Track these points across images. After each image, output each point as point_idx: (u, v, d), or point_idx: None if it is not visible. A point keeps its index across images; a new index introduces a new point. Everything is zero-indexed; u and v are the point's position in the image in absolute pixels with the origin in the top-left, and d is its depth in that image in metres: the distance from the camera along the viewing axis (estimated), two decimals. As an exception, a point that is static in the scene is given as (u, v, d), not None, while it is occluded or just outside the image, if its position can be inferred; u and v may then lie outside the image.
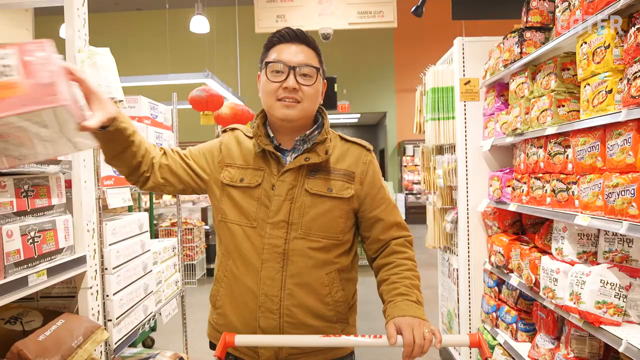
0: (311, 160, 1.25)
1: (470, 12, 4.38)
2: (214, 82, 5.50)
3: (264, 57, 1.29)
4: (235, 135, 1.37)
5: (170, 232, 5.58)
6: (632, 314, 1.71)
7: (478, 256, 2.86)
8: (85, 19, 1.79)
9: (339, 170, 1.29)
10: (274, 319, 1.22)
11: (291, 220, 1.23)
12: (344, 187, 1.27)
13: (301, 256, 1.23)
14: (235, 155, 1.32)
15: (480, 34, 2.90)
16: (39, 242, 1.50)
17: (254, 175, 1.27)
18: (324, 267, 1.25)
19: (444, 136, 3.03)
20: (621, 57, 1.64)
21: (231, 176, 1.29)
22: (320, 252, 1.25)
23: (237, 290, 1.25)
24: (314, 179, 1.26)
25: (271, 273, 1.22)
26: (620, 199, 1.56)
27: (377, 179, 1.34)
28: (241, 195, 1.27)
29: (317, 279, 1.24)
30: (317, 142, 1.27)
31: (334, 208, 1.26)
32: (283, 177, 1.25)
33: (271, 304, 1.22)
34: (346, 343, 1.18)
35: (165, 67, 9.48)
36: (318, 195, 1.25)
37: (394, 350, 3.58)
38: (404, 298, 1.20)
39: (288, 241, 1.23)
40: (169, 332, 3.99)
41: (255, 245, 1.23)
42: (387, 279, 1.27)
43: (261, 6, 5.94)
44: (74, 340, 1.51)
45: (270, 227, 1.23)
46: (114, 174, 2.02)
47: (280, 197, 1.24)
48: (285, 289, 1.22)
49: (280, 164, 1.27)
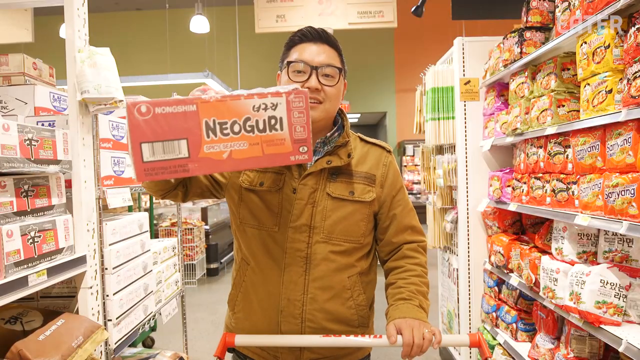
0: (333, 164, 1.23)
1: (470, 12, 4.38)
2: (214, 82, 5.50)
3: (284, 56, 1.27)
4: None
5: (170, 232, 5.57)
6: (632, 314, 1.71)
7: (478, 256, 2.86)
8: (85, 19, 1.79)
9: (360, 173, 1.27)
10: (295, 323, 1.21)
11: (313, 224, 1.22)
12: (366, 190, 1.26)
13: (323, 260, 1.22)
14: None
15: (480, 34, 2.90)
16: (39, 242, 1.50)
17: (275, 179, 1.24)
18: (345, 271, 1.24)
19: (444, 136, 3.03)
20: (621, 57, 1.64)
21: (250, 180, 1.26)
22: (342, 256, 1.24)
23: (258, 295, 1.24)
24: (336, 182, 1.24)
25: (294, 277, 1.21)
26: (620, 199, 1.56)
27: (398, 181, 1.33)
28: (261, 199, 1.24)
29: (339, 283, 1.23)
30: (339, 144, 1.26)
31: (355, 212, 1.25)
32: (305, 181, 1.23)
33: (293, 308, 1.21)
34: (346, 343, 1.18)
35: (165, 67, 9.48)
36: (340, 199, 1.23)
37: (393, 351, 3.58)
38: (406, 302, 1.20)
39: (310, 245, 1.21)
40: (169, 332, 3.99)
41: (277, 249, 1.22)
42: (394, 283, 1.27)
43: (261, 6, 5.94)
44: (73, 340, 1.51)
45: (292, 231, 1.21)
46: (114, 174, 2.02)
47: (302, 201, 1.22)
48: (308, 293, 1.21)
49: (301, 166, 1.25)
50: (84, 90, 1.69)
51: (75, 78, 1.71)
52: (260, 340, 1.20)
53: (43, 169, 1.55)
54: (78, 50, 1.72)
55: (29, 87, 1.89)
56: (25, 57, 2.20)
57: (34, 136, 1.51)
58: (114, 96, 1.75)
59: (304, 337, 1.18)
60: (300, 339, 1.18)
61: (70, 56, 1.72)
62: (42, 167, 1.54)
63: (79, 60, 1.71)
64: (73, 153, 1.72)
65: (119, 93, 1.78)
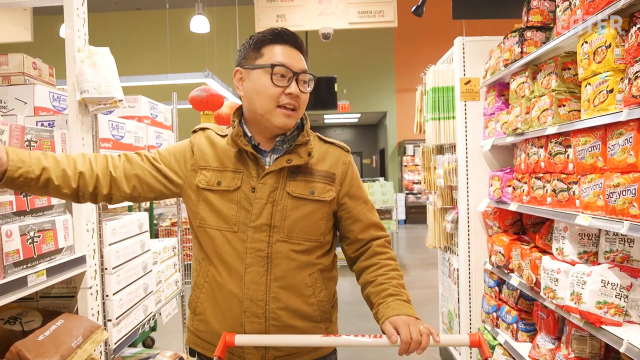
0: (293, 162, 1.22)
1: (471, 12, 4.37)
2: (214, 82, 5.50)
3: (255, 54, 1.22)
4: (206, 135, 1.31)
5: (170, 232, 5.57)
6: (633, 314, 1.71)
7: (478, 256, 2.86)
8: (85, 19, 1.78)
9: (319, 172, 1.27)
10: (259, 322, 1.21)
11: (273, 224, 1.21)
12: (325, 189, 1.26)
13: (284, 259, 1.22)
14: (210, 157, 1.26)
15: (480, 33, 2.89)
16: (39, 242, 1.49)
17: (232, 178, 1.23)
18: (306, 269, 1.25)
19: (445, 136, 3.03)
20: (622, 56, 1.64)
21: (207, 180, 1.24)
22: (303, 254, 1.24)
23: (220, 296, 1.23)
24: (295, 181, 1.24)
25: (255, 277, 1.20)
26: (621, 199, 1.55)
27: (357, 179, 1.34)
28: (219, 199, 1.23)
29: (300, 281, 1.24)
30: (299, 143, 1.25)
31: (315, 210, 1.25)
32: (264, 180, 1.22)
33: (256, 308, 1.20)
34: (347, 343, 1.17)
35: (165, 67, 9.48)
36: (300, 198, 1.23)
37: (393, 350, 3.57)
38: (395, 298, 1.20)
39: (271, 244, 1.21)
40: (169, 332, 3.98)
41: (238, 249, 1.21)
42: (374, 280, 1.27)
43: (261, 6, 5.94)
44: (73, 340, 1.50)
45: (252, 231, 1.21)
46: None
47: (262, 200, 1.21)
48: (270, 292, 1.21)
49: (259, 165, 1.23)
50: (83, 90, 1.69)
51: (74, 78, 1.71)
52: (261, 340, 1.20)
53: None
54: (78, 49, 1.72)
55: (28, 86, 1.89)
56: (25, 56, 2.19)
57: (33, 137, 1.51)
58: (114, 96, 1.74)
59: (305, 337, 1.18)
60: (301, 339, 1.18)
61: (70, 56, 1.71)
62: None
63: (79, 60, 1.70)
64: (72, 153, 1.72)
65: (119, 93, 1.78)
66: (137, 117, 2.42)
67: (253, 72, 1.22)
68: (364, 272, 1.31)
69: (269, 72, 1.19)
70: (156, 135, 2.55)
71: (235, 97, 6.64)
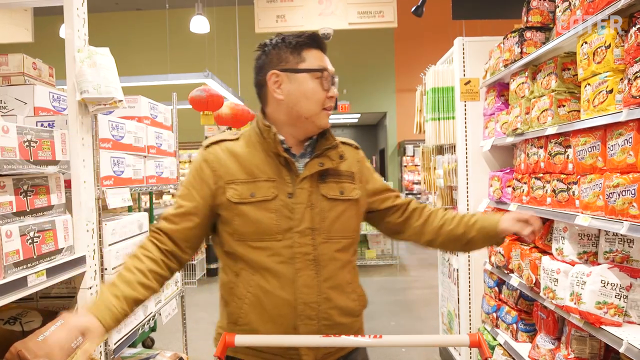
0: (326, 166, 1.26)
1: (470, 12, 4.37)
2: (214, 82, 5.50)
3: (296, 58, 1.23)
4: (222, 148, 1.27)
5: (170, 232, 5.56)
6: (633, 315, 1.71)
7: (478, 256, 2.86)
8: (84, 19, 1.79)
9: (344, 172, 1.31)
10: (312, 324, 1.22)
11: (314, 226, 1.23)
12: (351, 187, 1.31)
13: (330, 260, 1.24)
14: (235, 170, 1.23)
15: (480, 33, 2.89)
16: (39, 242, 1.49)
17: (268, 187, 1.22)
18: (346, 266, 1.29)
19: (444, 136, 3.03)
20: (622, 57, 1.64)
21: (239, 193, 1.21)
22: (342, 253, 1.28)
23: (270, 304, 1.21)
24: (326, 184, 1.26)
25: (307, 280, 1.21)
26: (620, 199, 1.55)
27: (371, 170, 1.41)
28: (255, 210, 1.21)
29: (343, 279, 1.27)
30: (329, 147, 1.28)
31: (346, 209, 1.28)
32: (302, 184, 1.23)
33: (310, 311, 1.21)
34: (347, 343, 1.17)
35: (165, 67, 9.47)
36: (334, 199, 1.26)
37: (393, 350, 3.57)
38: (479, 214, 1.38)
39: (316, 247, 1.23)
40: (169, 332, 3.98)
41: (285, 256, 1.21)
42: (446, 220, 1.38)
43: (261, 6, 5.93)
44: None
45: (298, 236, 1.21)
46: (114, 174, 2.01)
47: (302, 205, 1.22)
48: (322, 293, 1.22)
49: (292, 170, 1.24)
50: (83, 90, 1.69)
51: (74, 78, 1.71)
52: (261, 340, 1.20)
53: (42, 169, 1.55)
54: (77, 50, 1.72)
55: (28, 87, 1.89)
56: (25, 57, 2.19)
57: (33, 137, 1.51)
58: (114, 96, 1.75)
59: (305, 337, 1.18)
60: (301, 339, 1.18)
61: (70, 56, 1.71)
62: (41, 168, 1.54)
63: (79, 60, 1.70)
64: (72, 153, 1.72)
65: (119, 93, 1.78)
66: (137, 118, 2.42)
67: (297, 75, 1.23)
68: (426, 223, 1.39)
69: (317, 77, 1.23)
70: (156, 135, 2.55)
71: (235, 97, 6.64)
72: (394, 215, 1.41)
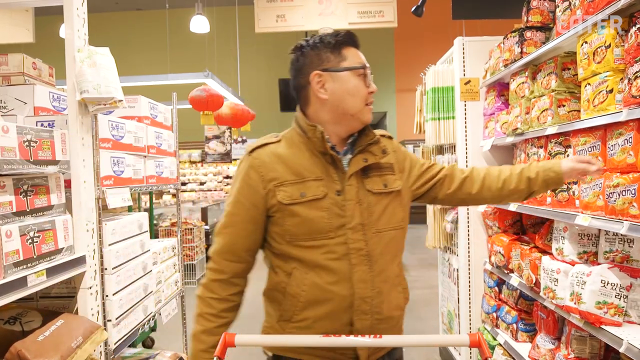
0: (370, 161, 1.28)
1: (471, 12, 4.38)
2: (214, 82, 5.50)
3: (337, 57, 1.25)
4: (267, 152, 1.27)
5: (170, 232, 5.57)
6: (633, 315, 1.71)
7: (478, 256, 2.86)
8: (84, 19, 1.78)
9: (383, 165, 1.32)
10: (366, 319, 1.24)
11: (364, 222, 1.24)
12: (392, 179, 1.32)
13: (381, 254, 1.26)
14: (283, 173, 1.24)
15: (480, 33, 2.89)
16: (38, 242, 1.49)
17: (317, 187, 1.23)
18: (395, 259, 1.32)
19: (444, 136, 3.03)
20: (622, 56, 1.64)
21: (289, 194, 1.22)
22: (392, 244, 1.29)
23: (326, 301, 1.23)
24: (369, 178, 1.28)
25: (362, 276, 1.23)
26: (621, 199, 1.55)
27: (407, 154, 1.42)
28: (307, 209, 1.22)
29: (392, 272, 1.30)
30: (371, 142, 1.30)
31: (391, 201, 1.30)
32: (350, 181, 1.25)
33: (365, 306, 1.23)
34: (347, 343, 1.17)
35: (165, 67, 9.47)
36: (379, 193, 1.28)
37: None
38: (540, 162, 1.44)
39: (367, 242, 1.24)
40: (169, 332, 3.98)
41: (339, 253, 1.22)
42: (505, 180, 1.44)
43: (261, 6, 5.93)
44: (73, 340, 1.51)
45: (350, 232, 1.23)
46: (114, 174, 2.01)
47: (352, 201, 1.24)
48: (375, 288, 1.24)
49: (338, 167, 1.25)
50: (83, 90, 1.69)
51: (74, 78, 1.71)
52: (261, 340, 1.20)
53: (42, 169, 1.55)
54: (77, 50, 1.72)
55: (28, 87, 1.89)
56: (25, 56, 2.19)
57: (33, 137, 1.51)
58: (114, 96, 1.74)
59: (305, 337, 1.18)
60: (301, 339, 1.18)
61: (70, 56, 1.71)
62: (41, 168, 1.54)
63: (79, 60, 1.70)
64: (72, 153, 1.72)
65: (119, 93, 1.78)
66: (137, 117, 2.41)
67: (340, 74, 1.25)
68: (483, 189, 1.43)
69: (359, 74, 1.25)
70: (156, 135, 2.55)
71: (235, 97, 6.64)
72: (443, 189, 1.42)
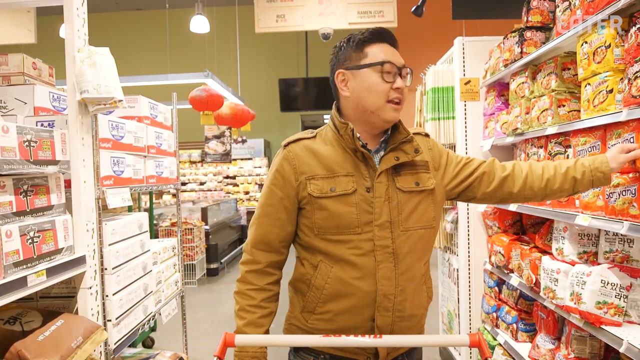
0: (401, 160, 1.27)
1: (471, 12, 4.38)
2: (214, 82, 5.50)
3: (359, 55, 1.26)
4: (301, 146, 1.30)
5: (170, 232, 5.57)
6: (633, 315, 1.71)
7: (478, 256, 2.86)
8: (84, 19, 1.78)
9: (417, 163, 1.31)
10: (388, 316, 1.25)
11: (392, 220, 1.25)
12: (426, 177, 1.31)
13: (408, 252, 1.26)
14: (315, 167, 1.27)
15: (480, 33, 2.89)
16: (38, 242, 1.49)
17: (347, 182, 1.25)
18: (422, 258, 1.31)
19: (444, 136, 3.03)
20: (622, 56, 1.64)
21: (319, 188, 1.25)
22: (420, 243, 1.29)
23: (349, 294, 1.24)
24: (401, 176, 1.28)
25: (387, 273, 1.24)
26: (621, 199, 1.55)
27: (444, 151, 1.39)
28: (336, 204, 1.24)
29: (418, 271, 1.30)
30: (404, 140, 1.29)
31: (422, 200, 1.29)
32: (380, 179, 1.25)
33: (387, 303, 1.24)
34: (348, 343, 1.17)
35: (165, 67, 9.47)
36: (410, 191, 1.28)
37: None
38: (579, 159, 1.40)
39: (394, 240, 1.25)
40: (169, 332, 3.98)
41: (365, 249, 1.23)
42: (549, 180, 1.37)
43: (261, 6, 5.93)
44: (73, 340, 1.51)
45: (378, 229, 1.24)
46: (114, 174, 2.01)
47: (381, 199, 1.24)
48: (398, 286, 1.25)
49: (369, 165, 1.26)
50: (83, 90, 1.69)
51: (74, 78, 1.71)
52: (261, 340, 1.20)
53: (42, 169, 1.55)
54: (77, 50, 1.72)
55: (28, 87, 1.89)
56: (25, 57, 2.19)
57: (33, 137, 1.51)
58: (114, 96, 1.74)
59: (305, 337, 1.18)
60: (301, 339, 1.18)
61: (70, 56, 1.71)
62: (41, 168, 1.54)
63: (79, 60, 1.70)
64: (72, 153, 1.72)
65: (119, 93, 1.78)
66: (137, 117, 2.42)
67: (360, 72, 1.26)
68: (525, 187, 1.38)
69: (378, 70, 1.24)
70: (156, 135, 2.55)
71: (235, 97, 6.64)
72: (482, 187, 1.39)
